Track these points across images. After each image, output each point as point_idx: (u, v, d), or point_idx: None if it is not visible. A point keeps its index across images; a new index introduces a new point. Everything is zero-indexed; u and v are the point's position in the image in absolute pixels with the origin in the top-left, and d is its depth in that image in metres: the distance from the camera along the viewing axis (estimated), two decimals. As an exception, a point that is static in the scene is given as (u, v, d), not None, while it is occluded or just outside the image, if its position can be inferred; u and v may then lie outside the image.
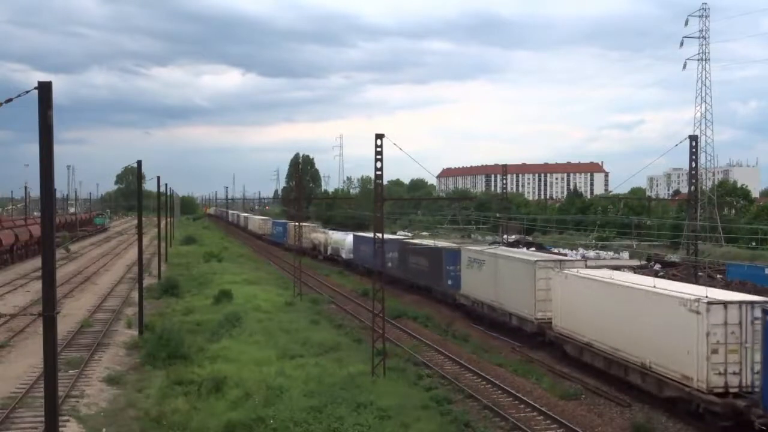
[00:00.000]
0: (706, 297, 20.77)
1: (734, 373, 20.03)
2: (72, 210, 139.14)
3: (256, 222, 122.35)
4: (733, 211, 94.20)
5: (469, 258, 38.86)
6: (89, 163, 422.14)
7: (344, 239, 66.51)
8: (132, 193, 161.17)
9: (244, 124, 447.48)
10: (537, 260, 31.70)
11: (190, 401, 21.35)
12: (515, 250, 45.07)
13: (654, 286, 23.27)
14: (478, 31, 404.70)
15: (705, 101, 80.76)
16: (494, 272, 35.24)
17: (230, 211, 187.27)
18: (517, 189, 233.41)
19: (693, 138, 35.77)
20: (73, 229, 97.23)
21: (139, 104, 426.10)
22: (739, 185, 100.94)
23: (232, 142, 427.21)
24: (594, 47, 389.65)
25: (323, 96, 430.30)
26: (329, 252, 71.56)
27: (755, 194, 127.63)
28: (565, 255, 62.14)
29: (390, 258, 51.60)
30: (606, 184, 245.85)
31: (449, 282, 41.58)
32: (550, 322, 29.65)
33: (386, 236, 59.10)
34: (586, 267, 31.14)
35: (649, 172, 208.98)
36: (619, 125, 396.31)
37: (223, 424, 18.85)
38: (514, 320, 33.07)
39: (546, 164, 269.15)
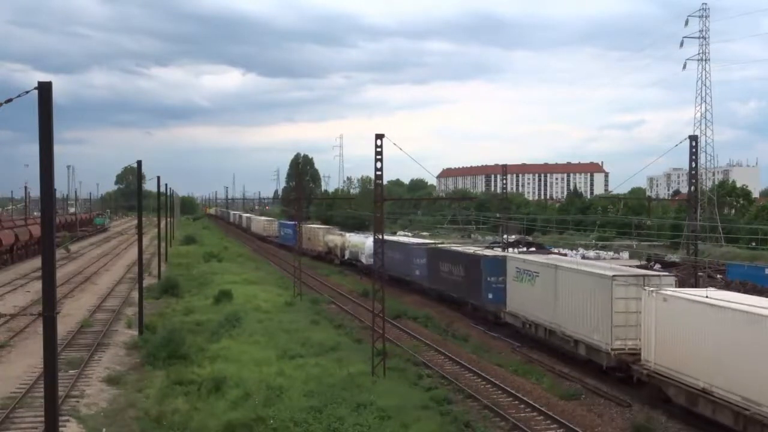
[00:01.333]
0: None
1: None
2: (72, 210, 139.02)
3: (261, 223, 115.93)
4: (733, 211, 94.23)
5: (518, 269, 33.08)
6: (89, 163, 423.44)
7: (364, 243, 59.78)
8: (132, 193, 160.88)
9: (244, 124, 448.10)
10: (615, 275, 25.30)
11: (190, 401, 21.36)
12: (580, 260, 38.36)
13: None
14: (478, 31, 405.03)
15: (705, 101, 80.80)
16: (553, 287, 29.29)
17: (231, 212, 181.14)
18: (517, 189, 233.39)
19: (693, 138, 35.67)
20: (73, 229, 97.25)
21: (139, 104, 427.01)
22: (739, 185, 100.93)
23: (232, 142, 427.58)
24: (594, 47, 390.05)
25: (323, 96, 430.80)
26: (347, 256, 65.07)
27: (755, 194, 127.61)
28: (565, 255, 62.19)
29: (417, 265, 47.57)
30: (606, 184, 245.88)
31: (489, 296, 36.03)
32: (634, 354, 23.82)
33: (413, 239, 55.85)
34: (677, 285, 25.58)
35: (649, 172, 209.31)
36: (619, 125, 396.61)
37: (223, 424, 18.85)
38: (581, 349, 27.01)
39: (546, 164, 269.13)
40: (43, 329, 10.90)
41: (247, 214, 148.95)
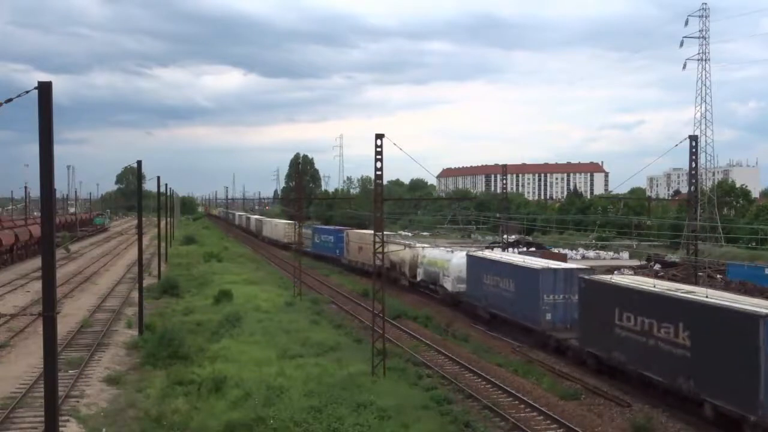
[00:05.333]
0: None
1: None
2: (72, 210, 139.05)
3: (280, 227, 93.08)
4: (733, 212, 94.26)
5: None
6: (90, 163, 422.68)
7: (448, 261, 42.76)
8: (132, 193, 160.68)
9: (244, 124, 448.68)
10: None
11: (190, 401, 21.35)
12: None
13: None
14: (478, 32, 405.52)
15: (705, 101, 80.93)
16: None
17: (237, 213, 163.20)
18: (517, 189, 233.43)
19: (693, 138, 35.76)
20: (73, 229, 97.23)
21: (140, 104, 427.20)
22: (739, 185, 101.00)
23: (233, 142, 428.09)
24: (594, 48, 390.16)
25: (324, 96, 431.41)
26: (420, 277, 47.06)
27: (755, 194, 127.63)
28: (565, 255, 62.25)
29: (549, 305, 30.60)
30: (606, 184, 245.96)
31: None
32: None
33: (535, 260, 36.08)
34: None
35: (649, 172, 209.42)
36: (619, 125, 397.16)
37: (223, 424, 18.85)
38: None
39: (546, 164, 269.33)
40: (43, 329, 10.90)
41: (257, 216, 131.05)
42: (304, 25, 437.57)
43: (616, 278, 28.05)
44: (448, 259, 42.78)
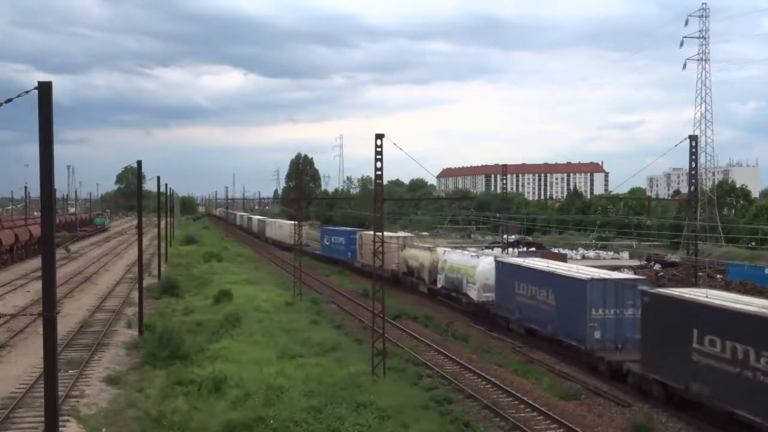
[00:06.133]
0: None
1: None
2: (72, 210, 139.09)
3: (285, 229, 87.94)
4: (733, 212, 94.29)
5: None
6: (90, 163, 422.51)
7: (474, 266, 38.97)
8: (132, 193, 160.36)
9: (245, 124, 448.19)
10: None
11: (190, 401, 21.34)
12: None
13: None
14: (479, 32, 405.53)
15: (705, 101, 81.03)
16: None
17: (238, 213, 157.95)
18: (517, 189, 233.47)
19: (693, 138, 35.69)
20: (73, 229, 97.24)
21: (140, 104, 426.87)
22: (739, 185, 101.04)
23: (233, 142, 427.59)
24: (594, 48, 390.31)
25: (324, 96, 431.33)
26: (441, 283, 43.40)
27: (755, 194, 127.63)
28: (565, 255, 62.27)
29: (595, 321, 26.88)
30: (606, 184, 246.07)
31: None
32: None
33: (591, 271, 30.35)
34: None
35: (649, 172, 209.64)
36: (619, 125, 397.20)
37: (223, 424, 18.86)
38: None
39: (546, 164, 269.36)
40: (43, 329, 10.89)
41: (260, 216, 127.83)
42: (305, 26, 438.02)
43: (693, 292, 23.17)
44: (473, 265, 38.94)
